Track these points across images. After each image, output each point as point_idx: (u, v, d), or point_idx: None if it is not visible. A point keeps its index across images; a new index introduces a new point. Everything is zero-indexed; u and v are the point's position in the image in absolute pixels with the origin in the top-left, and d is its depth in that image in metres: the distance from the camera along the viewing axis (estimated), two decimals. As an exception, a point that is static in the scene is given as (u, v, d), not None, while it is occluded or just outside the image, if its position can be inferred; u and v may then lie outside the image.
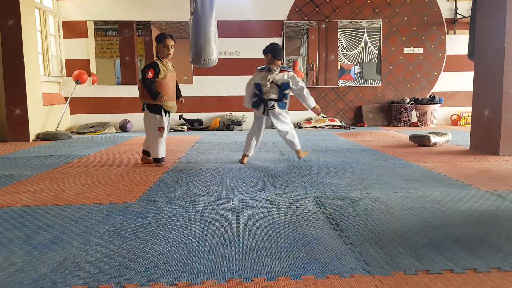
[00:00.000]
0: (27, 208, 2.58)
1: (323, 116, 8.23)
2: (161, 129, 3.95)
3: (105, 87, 8.09)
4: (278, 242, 1.93)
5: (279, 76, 3.93)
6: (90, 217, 2.36)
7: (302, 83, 4.01)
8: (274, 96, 3.96)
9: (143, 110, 4.03)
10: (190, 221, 2.27)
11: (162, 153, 4.02)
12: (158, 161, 4.03)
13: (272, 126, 4.16)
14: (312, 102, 4.02)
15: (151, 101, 3.90)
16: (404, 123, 8.19)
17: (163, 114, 3.96)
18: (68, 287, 1.51)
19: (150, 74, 3.84)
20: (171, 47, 3.96)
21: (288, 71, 4.00)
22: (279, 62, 4.00)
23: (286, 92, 3.97)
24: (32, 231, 2.12)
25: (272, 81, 3.91)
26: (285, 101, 4.02)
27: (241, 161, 4.15)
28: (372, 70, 8.40)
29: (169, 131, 7.63)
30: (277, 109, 3.97)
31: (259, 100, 4.02)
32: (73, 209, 2.54)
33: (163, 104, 3.90)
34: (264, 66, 4.02)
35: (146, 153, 4.14)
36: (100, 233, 2.08)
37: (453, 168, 3.68)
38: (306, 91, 3.99)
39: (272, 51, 3.97)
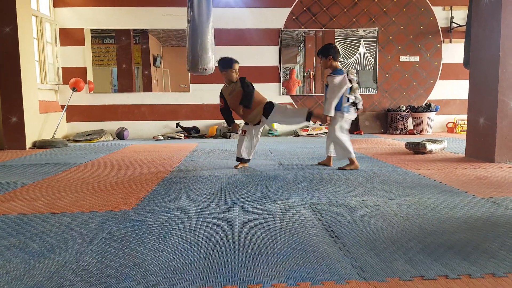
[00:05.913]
0: (23, 216, 2.57)
1: (319, 124, 8.26)
2: (243, 132, 4.34)
3: (101, 95, 8.10)
4: (274, 249, 1.94)
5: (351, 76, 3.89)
6: (86, 224, 2.36)
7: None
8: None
9: None
10: (186, 228, 2.27)
11: (241, 154, 4.29)
12: (238, 160, 4.34)
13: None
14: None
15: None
16: (400, 131, 8.23)
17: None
18: (64, 294, 1.51)
19: (221, 105, 4.27)
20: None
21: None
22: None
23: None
24: (29, 239, 2.12)
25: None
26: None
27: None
28: (368, 78, 8.46)
29: (173, 138, 7.68)
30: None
31: (352, 104, 3.98)
32: (69, 216, 2.54)
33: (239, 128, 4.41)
34: (339, 70, 3.89)
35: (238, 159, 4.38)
36: (96, 241, 2.08)
37: (448, 175, 3.71)
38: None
39: (333, 53, 3.90)
